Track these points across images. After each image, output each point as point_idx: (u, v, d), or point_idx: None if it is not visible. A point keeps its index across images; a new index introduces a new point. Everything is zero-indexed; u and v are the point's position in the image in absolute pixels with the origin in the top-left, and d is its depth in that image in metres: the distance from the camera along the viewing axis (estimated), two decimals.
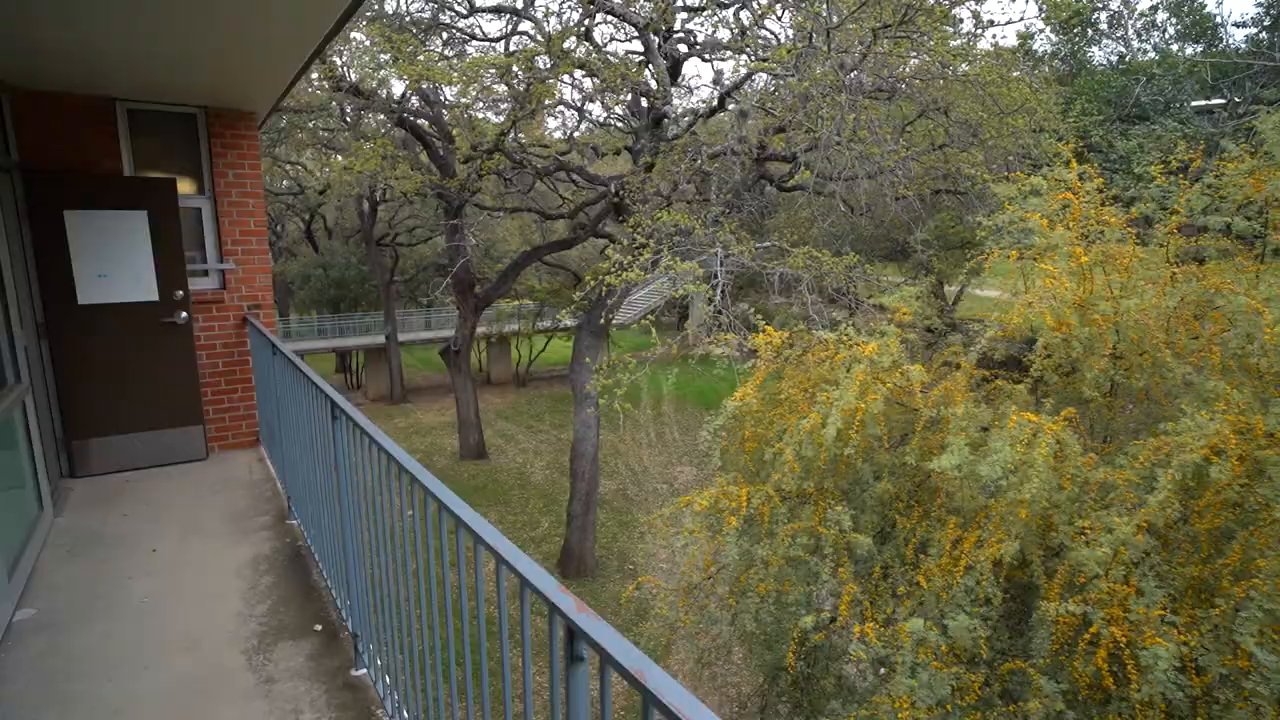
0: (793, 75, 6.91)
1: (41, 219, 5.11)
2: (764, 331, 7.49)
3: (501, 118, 21.40)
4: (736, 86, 8.06)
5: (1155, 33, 18.65)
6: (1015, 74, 8.33)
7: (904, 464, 6.09)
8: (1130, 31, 18.12)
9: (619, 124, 17.77)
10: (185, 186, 5.83)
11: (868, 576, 6.18)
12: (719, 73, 8.02)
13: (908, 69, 7.95)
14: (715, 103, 7.98)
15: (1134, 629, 4.25)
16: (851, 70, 6.87)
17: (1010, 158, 8.61)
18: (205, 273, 5.97)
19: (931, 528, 6.01)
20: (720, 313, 8.49)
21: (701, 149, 8.66)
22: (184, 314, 5.62)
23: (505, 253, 31.01)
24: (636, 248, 8.67)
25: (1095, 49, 19.28)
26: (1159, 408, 6.37)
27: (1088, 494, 4.95)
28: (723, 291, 8.43)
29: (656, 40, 10.14)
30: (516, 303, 29.82)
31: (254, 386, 6.14)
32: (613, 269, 8.61)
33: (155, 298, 5.55)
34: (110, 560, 4.21)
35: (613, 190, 10.83)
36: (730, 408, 6.82)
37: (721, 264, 8.52)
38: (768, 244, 9.04)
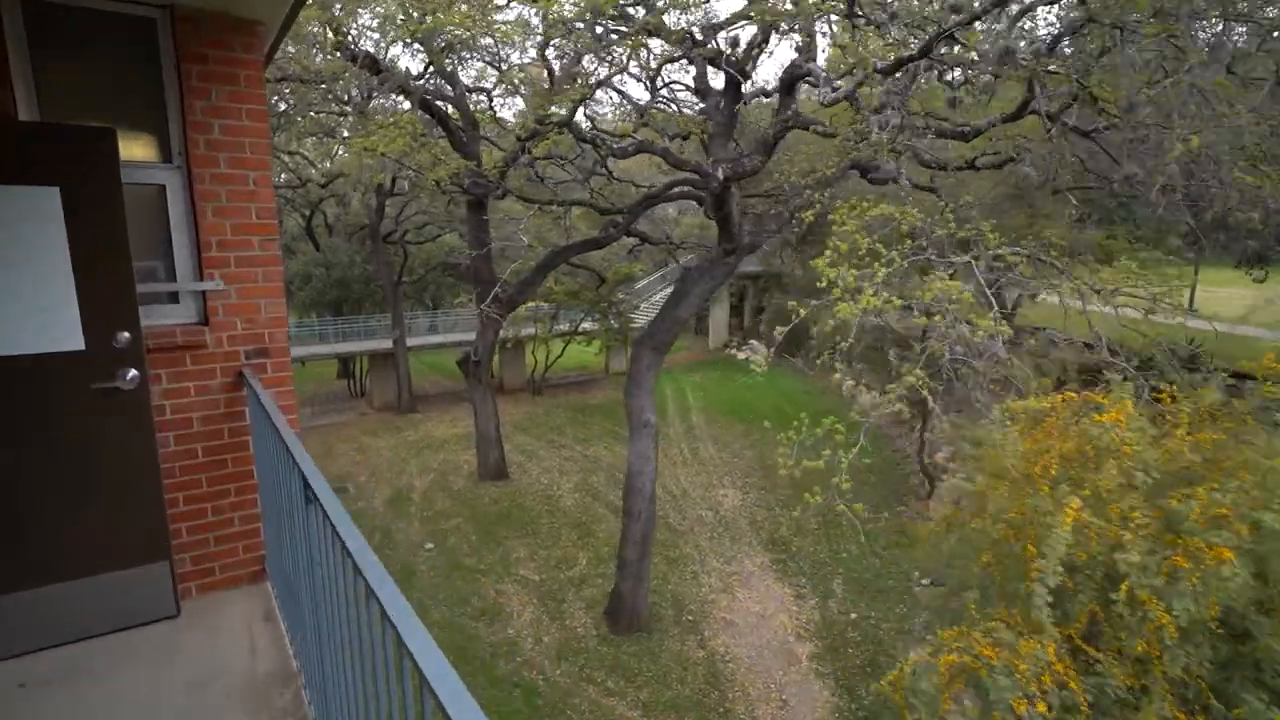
0: None
1: None
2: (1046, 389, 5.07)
3: (516, 107, 18.84)
4: (992, 8, 5.53)
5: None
6: None
7: None
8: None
9: (663, 106, 15.24)
10: (136, 147, 3.30)
11: None
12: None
13: None
14: (929, 41, 5.54)
15: None
16: None
17: None
18: (173, 298, 3.44)
19: None
20: (1009, 358, 6.02)
21: (872, 118, 6.24)
22: (132, 372, 3.08)
23: (518, 252, 28.40)
24: (855, 257, 6.14)
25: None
26: None
27: None
28: (1005, 320, 5.88)
29: None
30: (532, 304, 27.30)
31: (257, 485, 3.62)
32: (842, 293, 5.97)
33: (80, 345, 3.01)
34: None
35: (720, 177, 8.35)
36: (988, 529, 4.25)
37: (998, 280, 6.04)
38: (1013, 249, 6.57)
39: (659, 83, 13.77)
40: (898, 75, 5.90)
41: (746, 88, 11.75)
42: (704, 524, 17.84)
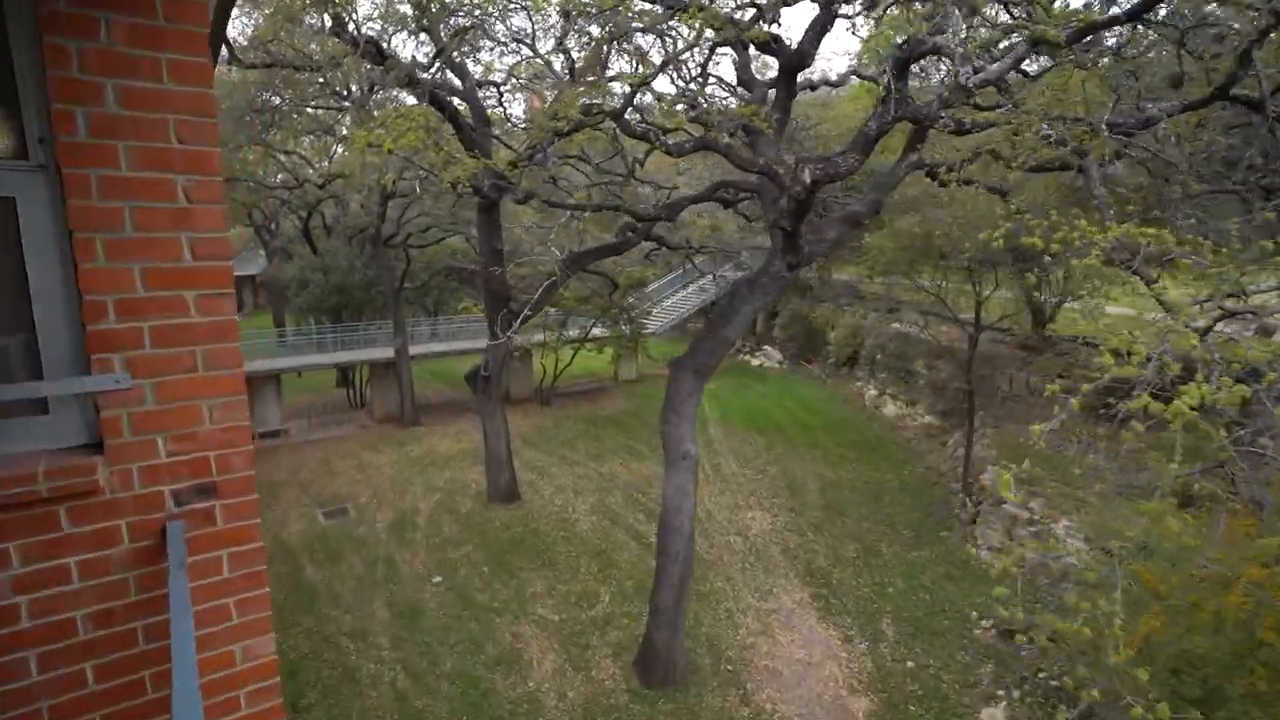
0: None
1: None
2: None
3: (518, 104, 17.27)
4: None
5: None
6: None
7: None
8: None
9: (690, 102, 13.69)
10: None
11: None
12: None
13: None
14: None
15: None
16: None
17: None
18: (36, 407, 1.88)
19: None
20: None
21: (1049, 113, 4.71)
22: None
23: (525, 255, 26.83)
24: None
25: None
26: None
27: None
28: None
29: None
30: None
31: None
32: (1140, 368, 4.09)
33: None
34: None
35: (806, 180, 6.80)
36: None
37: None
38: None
39: (687, 73, 12.22)
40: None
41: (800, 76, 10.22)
42: (733, 552, 16.34)
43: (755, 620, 13.72)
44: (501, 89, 17.64)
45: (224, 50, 9.62)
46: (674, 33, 11.93)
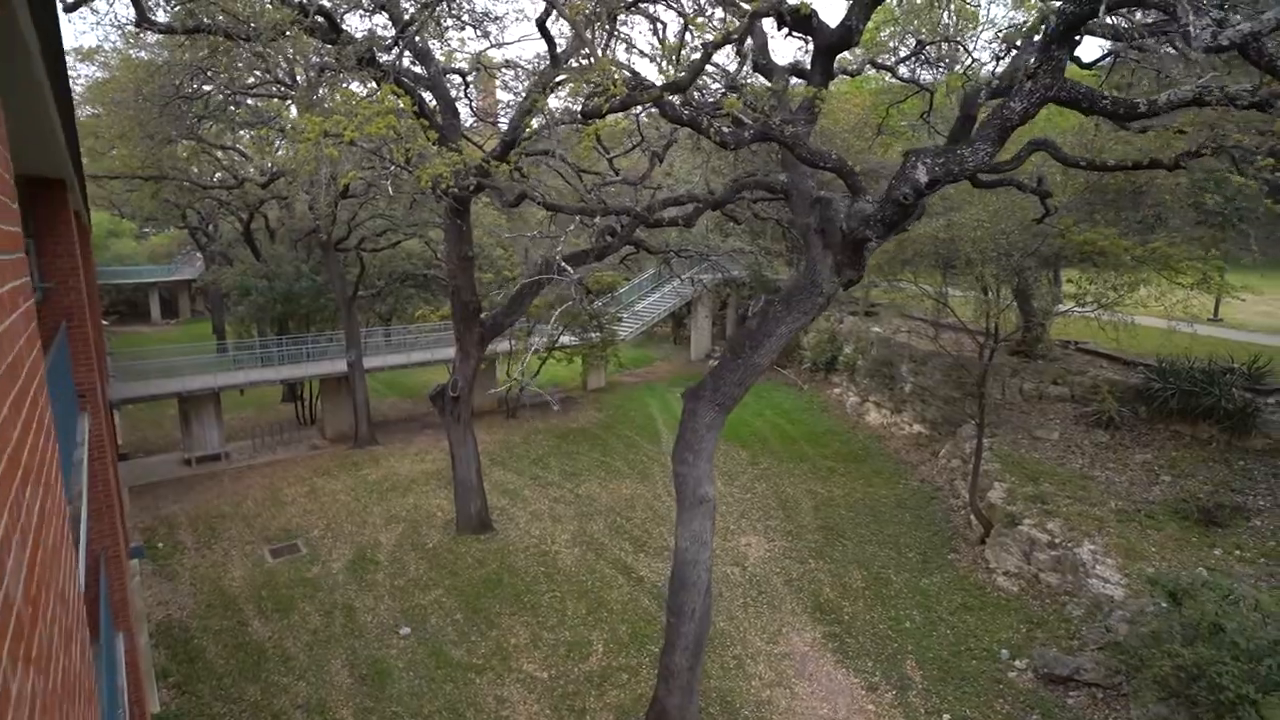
0: None
1: None
2: None
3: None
4: None
5: None
6: None
7: None
8: None
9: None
10: None
11: None
12: None
13: None
14: None
15: None
16: None
17: None
18: None
19: None
20: None
21: None
22: None
23: (490, 263, 24.86)
24: None
25: None
26: None
27: None
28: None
29: None
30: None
31: None
32: None
33: None
34: None
35: (921, 179, 5.11)
36: None
37: None
38: None
39: (682, 58, 10.57)
40: None
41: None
42: (732, 585, 14.79)
43: (768, 668, 12.21)
44: (467, 78, 15.73)
45: (133, 11, 7.56)
46: (671, 9, 10.35)
